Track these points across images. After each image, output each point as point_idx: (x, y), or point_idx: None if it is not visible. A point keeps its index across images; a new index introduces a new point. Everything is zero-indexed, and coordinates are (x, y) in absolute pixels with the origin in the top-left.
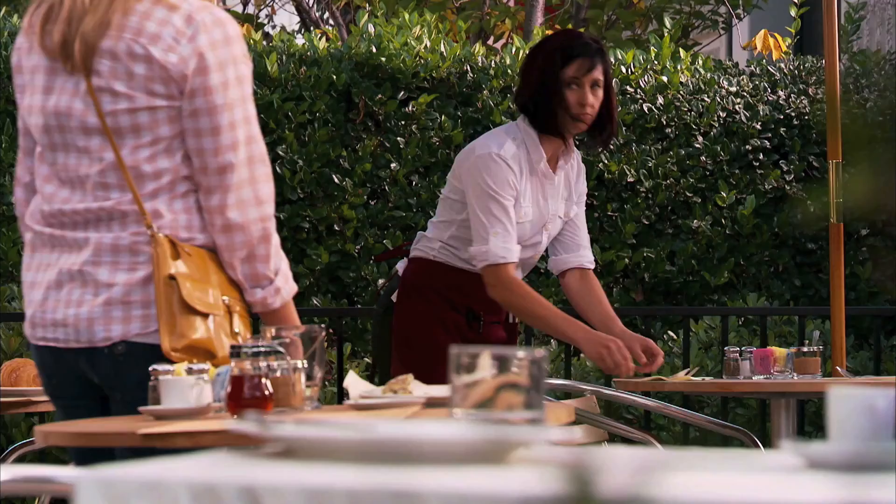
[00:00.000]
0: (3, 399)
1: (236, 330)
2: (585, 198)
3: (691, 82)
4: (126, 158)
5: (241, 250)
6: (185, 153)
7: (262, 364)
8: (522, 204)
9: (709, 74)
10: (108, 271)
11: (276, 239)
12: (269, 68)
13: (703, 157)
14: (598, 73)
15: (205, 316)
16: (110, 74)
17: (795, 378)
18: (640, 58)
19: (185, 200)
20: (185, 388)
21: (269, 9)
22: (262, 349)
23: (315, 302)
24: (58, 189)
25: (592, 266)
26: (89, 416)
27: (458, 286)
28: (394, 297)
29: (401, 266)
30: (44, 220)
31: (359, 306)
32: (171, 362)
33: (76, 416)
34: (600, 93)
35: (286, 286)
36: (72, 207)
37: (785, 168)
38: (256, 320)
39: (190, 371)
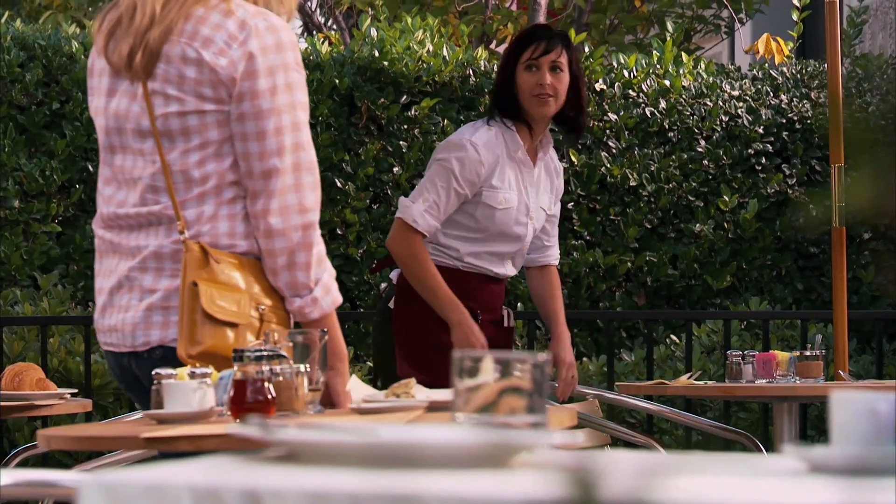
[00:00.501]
0: (5, 403)
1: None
2: (561, 196)
3: (694, 86)
4: (175, 162)
5: (281, 256)
6: (234, 158)
7: (265, 368)
8: (501, 189)
9: (711, 78)
10: (151, 278)
11: (319, 249)
12: None
13: (705, 161)
14: (556, 56)
15: (228, 324)
16: (163, 78)
17: (798, 382)
18: (643, 62)
19: (231, 206)
20: (188, 392)
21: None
22: (265, 353)
23: None
24: (115, 191)
25: (556, 262)
26: None
27: (452, 286)
28: (391, 304)
29: (394, 275)
30: (104, 224)
31: (361, 310)
32: None
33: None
34: (564, 77)
35: (326, 298)
36: (125, 211)
37: (787, 172)
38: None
39: (193, 375)
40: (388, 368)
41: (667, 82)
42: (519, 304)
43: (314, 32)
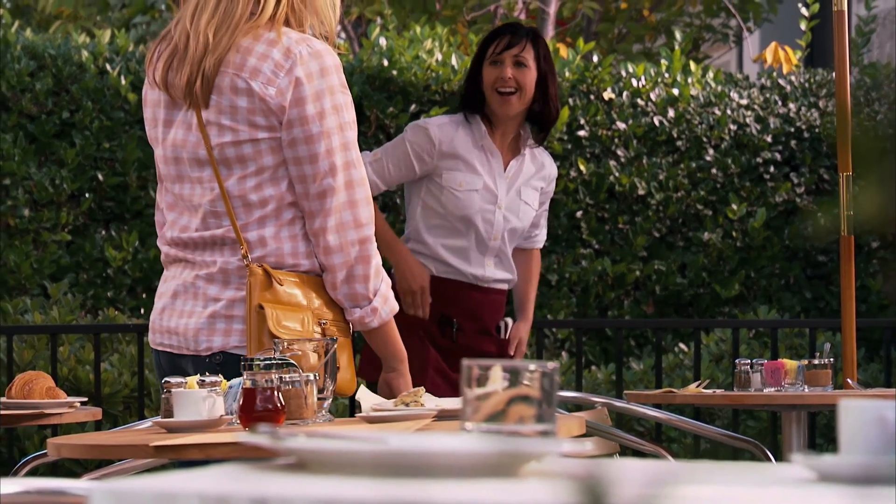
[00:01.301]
0: (15, 411)
1: None
2: (549, 200)
3: (702, 95)
4: (233, 188)
5: (340, 271)
6: (289, 181)
7: (274, 376)
8: (460, 172)
9: (719, 87)
10: (217, 287)
11: (376, 260)
12: None
13: (713, 170)
14: (519, 51)
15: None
16: (216, 109)
17: (806, 390)
18: (651, 71)
19: (292, 228)
20: (198, 401)
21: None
22: (274, 361)
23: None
24: (178, 217)
25: (540, 246)
26: None
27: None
28: None
29: None
30: (169, 244)
31: None
32: None
33: None
34: (529, 72)
35: (384, 307)
36: (188, 235)
37: (795, 181)
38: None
39: (202, 384)
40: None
41: (675, 91)
42: None
43: None
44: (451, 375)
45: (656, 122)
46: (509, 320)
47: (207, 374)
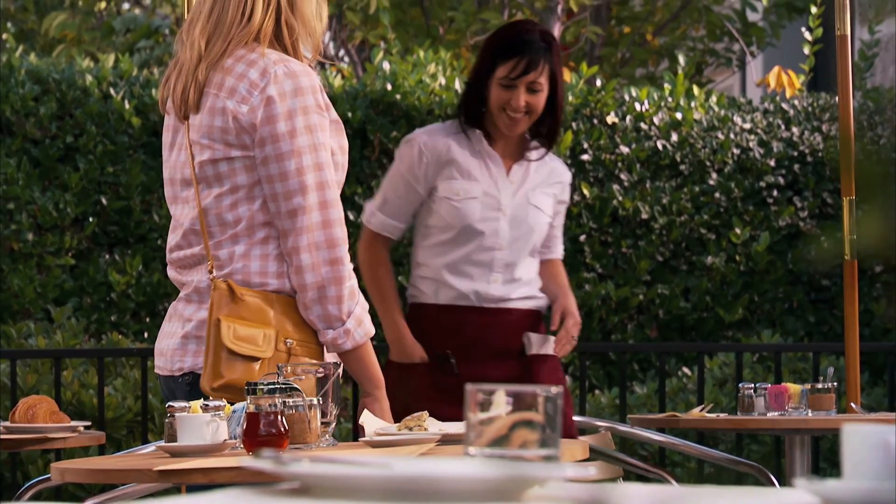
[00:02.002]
0: (19, 436)
1: None
2: (565, 209)
3: (705, 119)
4: (210, 206)
5: (311, 291)
6: (264, 200)
7: (278, 401)
8: (458, 181)
9: (722, 111)
10: (192, 308)
11: (350, 282)
12: None
13: (717, 194)
14: (536, 76)
15: (250, 358)
16: (198, 128)
17: (810, 415)
18: (654, 95)
19: (264, 247)
20: (202, 425)
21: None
22: (278, 386)
23: None
24: (172, 237)
25: (559, 256)
26: None
27: (431, 324)
28: None
29: None
30: (170, 265)
31: (374, 343)
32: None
33: None
34: (541, 96)
35: (358, 329)
36: (176, 255)
37: (799, 205)
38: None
39: (206, 408)
40: None
41: (678, 115)
42: None
43: (327, 66)
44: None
45: (659, 146)
46: (532, 334)
47: (181, 393)
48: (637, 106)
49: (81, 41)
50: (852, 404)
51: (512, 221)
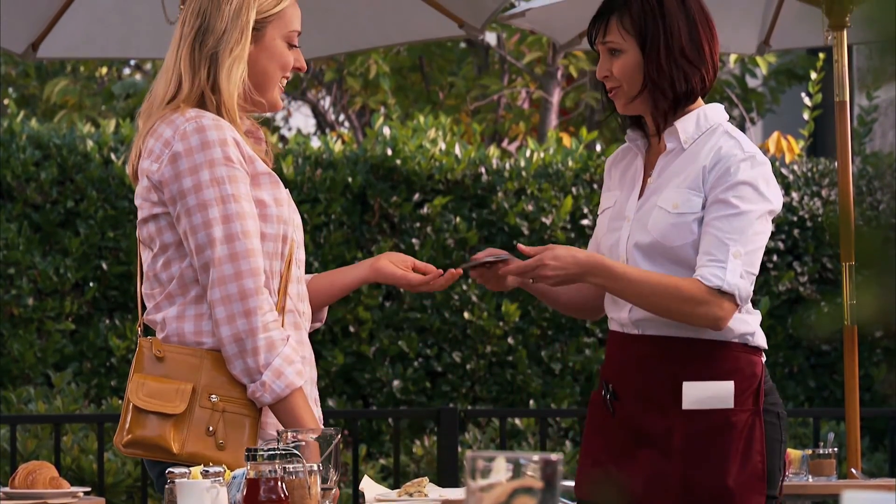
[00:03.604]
0: (19, 501)
1: (210, 428)
2: (725, 204)
3: None
4: (149, 268)
5: (230, 344)
6: None
7: (278, 466)
8: (604, 196)
9: None
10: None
11: (269, 334)
12: (285, 170)
13: None
14: (605, 37)
15: (161, 415)
16: (136, 192)
17: (810, 480)
18: None
19: (198, 306)
20: (202, 492)
21: (286, 111)
22: (278, 452)
23: (330, 403)
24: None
25: (707, 280)
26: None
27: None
28: None
29: None
30: None
31: (374, 408)
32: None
33: None
34: (623, 59)
35: (277, 382)
36: (142, 321)
37: (799, 270)
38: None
39: (206, 474)
40: None
41: None
42: (531, 401)
43: (327, 131)
44: (604, 461)
45: None
46: (686, 386)
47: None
48: None
49: (82, 106)
50: (853, 470)
51: (633, 228)
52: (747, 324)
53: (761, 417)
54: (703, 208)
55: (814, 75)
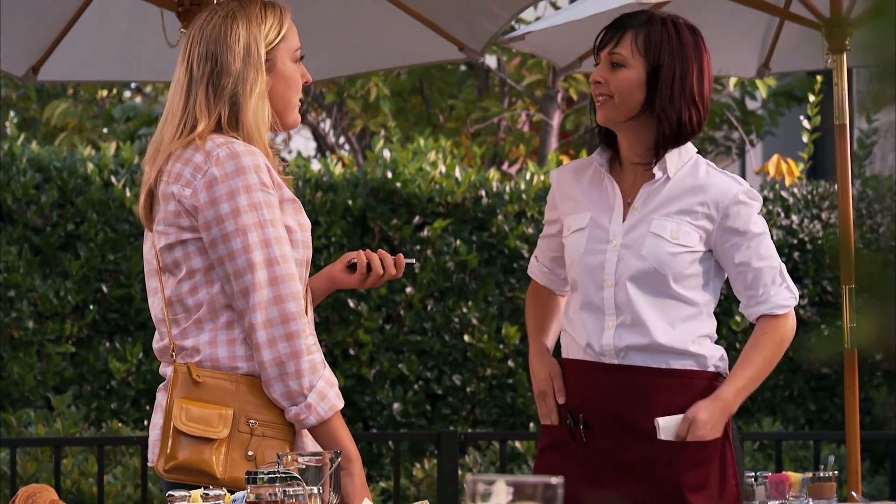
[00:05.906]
0: None
1: (249, 453)
2: (754, 242)
3: None
4: (172, 294)
5: (271, 368)
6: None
7: (278, 490)
8: (570, 215)
9: None
10: (163, 396)
11: (312, 357)
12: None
13: None
14: (614, 48)
15: (203, 440)
16: (158, 217)
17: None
18: None
19: (230, 331)
20: None
21: (286, 134)
22: (278, 475)
23: None
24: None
25: (771, 311)
26: None
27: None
28: None
29: None
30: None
31: (374, 430)
32: (187, 486)
33: None
34: (625, 73)
35: (321, 403)
36: (156, 348)
37: (799, 293)
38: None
39: (206, 497)
40: None
41: None
42: (532, 424)
43: (328, 154)
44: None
45: None
46: (661, 420)
47: (163, 484)
48: None
49: (83, 129)
50: (853, 493)
51: (623, 252)
52: (720, 351)
53: (731, 442)
54: (704, 243)
55: (813, 98)
